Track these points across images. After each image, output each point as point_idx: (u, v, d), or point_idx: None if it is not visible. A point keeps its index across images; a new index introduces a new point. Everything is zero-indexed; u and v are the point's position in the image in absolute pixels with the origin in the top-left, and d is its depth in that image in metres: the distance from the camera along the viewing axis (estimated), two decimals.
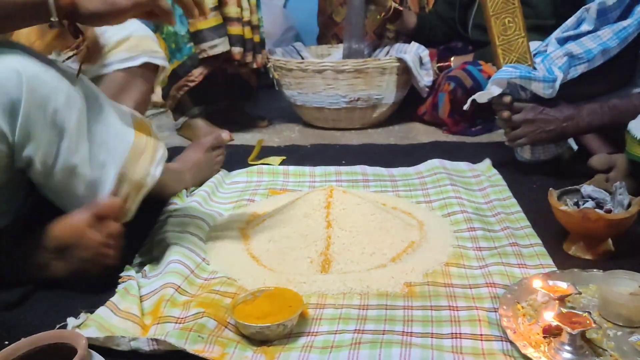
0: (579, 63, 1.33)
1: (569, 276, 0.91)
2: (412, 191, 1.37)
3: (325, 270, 0.99)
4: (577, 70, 1.33)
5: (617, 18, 1.33)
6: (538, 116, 1.33)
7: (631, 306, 0.81)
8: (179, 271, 0.95)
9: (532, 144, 1.40)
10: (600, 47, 1.30)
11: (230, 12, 1.82)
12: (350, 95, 1.92)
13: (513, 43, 1.38)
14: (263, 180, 1.46)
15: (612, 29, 1.31)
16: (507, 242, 1.07)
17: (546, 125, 1.33)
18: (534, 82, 1.31)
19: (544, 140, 1.36)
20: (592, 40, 1.32)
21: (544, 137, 1.35)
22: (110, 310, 0.84)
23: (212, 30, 1.77)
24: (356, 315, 0.86)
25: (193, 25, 1.78)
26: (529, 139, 1.36)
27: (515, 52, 1.38)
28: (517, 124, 1.36)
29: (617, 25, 1.31)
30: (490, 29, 1.38)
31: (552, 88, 1.31)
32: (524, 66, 1.36)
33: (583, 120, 1.30)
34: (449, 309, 0.87)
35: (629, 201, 1.03)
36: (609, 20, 1.33)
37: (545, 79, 1.31)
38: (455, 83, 1.84)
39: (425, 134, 1.92)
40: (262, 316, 0.81)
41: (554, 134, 1.34)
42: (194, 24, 1.78)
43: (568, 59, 1.33)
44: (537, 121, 1.33)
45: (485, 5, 1.37)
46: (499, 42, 1.38)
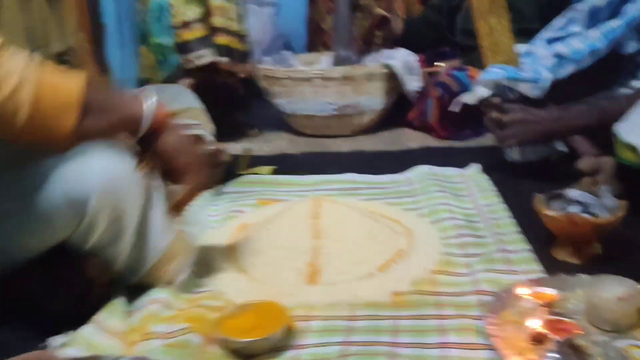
0: (567, 63, 1.33)
1: (556, 281, 0.91)
2: (401, 198, 1.37)
3: (313, 281, 0.98)
4: (566, 70, 1.34)
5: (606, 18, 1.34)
6: (527, 117, 1.33)
7: (618, 311, 0.81)
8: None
9: (521, 145, 1.40)
10: (589, 47, 1.31)
11: (216, 22, 1.83)
12: (339, 102, 1.92)
13: (499, 44, 1.39)
14: (253, 190, 1.45)
15: (601, 30, 1.31)
16: (495, 248, 1.07)
17: (535, 126, 1.33)
18: (521, 83, 1.32)
19: (532, 141, 1.37)
20: (581, 41, 1.33)
21: (532, 137, 1.35)
22: (95, 327, 0.84)
23: (199, 41, 1.78)
24: (343, 327, 0.86)
25: (179, 36, 1.79)
26: (518, 140, 1.36)
27: (502, 53, 1.39)
28: (506, 125, 1.36)
29: (605, 26, 1.31)
30: (477, 29, 1.38)
31: (539, 88, 1.32)
32: (510, 67, 1.37)
33: (571, 121, 1.30)
34: (436, 318, 0.87)
35: (615, 204, 1.03)
36: (598, 21, 1.34)
37: (533, 79, 1.31)
38: (443, 89, 1.84)
39: (414, 140, 1.92)
40: (248, 330, 0.81)
41: (543, 134, 1.34)
42: (180, 35, 1.79)
43: (556, 59, 1.33)
44: (526, 122, 1.33)
45: (472, 6, 1.38)
46: (486, 44, 1.39)
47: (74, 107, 0.77)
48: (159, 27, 1.84)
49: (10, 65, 0.74)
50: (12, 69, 0.73)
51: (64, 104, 0.77)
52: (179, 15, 1.80)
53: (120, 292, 0.94)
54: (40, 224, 0.84)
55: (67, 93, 0.77)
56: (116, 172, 0.85)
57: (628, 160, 1.11)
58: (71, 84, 0.78)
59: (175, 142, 0.87)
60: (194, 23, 1.80)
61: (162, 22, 1.83)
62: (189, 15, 1.80)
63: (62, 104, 0.76)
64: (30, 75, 0.75)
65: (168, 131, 0.86)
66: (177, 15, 1.80)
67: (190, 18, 1.80)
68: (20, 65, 0.74)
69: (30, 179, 0.83)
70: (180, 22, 1.80)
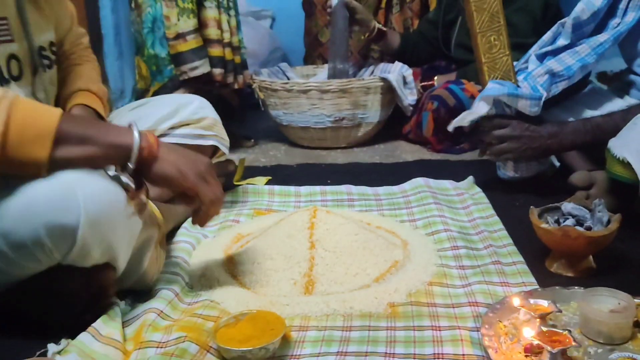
0: (559, 80, 1.35)
1: (550, 294, 0.92)
2: (397, 210, 1.37)
3: (309, 292, 0.99)
4: (558, 87, 1.36)
5: (592, 32, 1.36)
6: (524, 133, 1.35)
7: (611, 323, 0.81)
8: (163, 296, 0.95)
9: (516, 160, 1.41)
10: (579, 62, 1.33)
11: (210, 34, 1.85)
12: (335, 114, 1.93)
13: (498, 61, 1.40)
14: (248, 201, 1.46)
15: (590, 45, 1.33)
16: (490, 260, 1.08)
17: (531, 142, 1.35)
18: (521, 100, 1.33)
19: (528, 157, 1.38)
20: (571, 56, 1.35)
21: (529, 153, 1.36)
22: (91, 335, 0.83)
23: (193, 52, 1.80)
24: (339, 337, 0.86)
25: (173, 47, 1.81)
26: (514, 155, 1.37)
27: (500, 69, 1.40)
28: (502, 139, 1.37)
29: (594, 41, 1.33)
30: (476, 46, 1.40)
31: (538, 106, 1.33)
32: (510, 83, 1.38)
33: (566, 137, 1.32)
34: (431, 329, 0.87)
35: (609, 218, 1.04)
36: (584, 34, 1.36)
37: (531, 96, 1.33)
38: (439, 102, 1.86)
39: (410, 152, 1.93)
40: (244, 340, 0.81)
41: (539, 150, 1.35)
42: (175, 47, 1.80)
43: (549, 76, 1.35)
44: (523, 138, 1.35)
45: (472, 23, 1.39)
46: (485, 60, 1.40)
47: (47, 137, 0.77)
48: (153, 39, 1.85)
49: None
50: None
51: (37, 134, 0.77)
52: (173, 26, 1.81)
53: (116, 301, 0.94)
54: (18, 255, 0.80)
55: (41, 123, 0.77)
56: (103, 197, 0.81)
57: (619, 175, 1.13)
58: (46, 115, 0.78)
59: (171, 167, 0.86)
60: (188, 34, 1.81)
61: (156, 34, 1.85)
62: (183, 27, 1.81)
63: (35, 134, 0.77)
64: (2, 108, 0.75)
65: (161, 158, 0.85)
66: (171, 26, 1.81)
67: (185, 29, 1.81)
68: None
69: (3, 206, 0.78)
70: (175, 34, 1.81)
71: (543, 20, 1.86)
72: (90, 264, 0.84)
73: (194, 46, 1.81)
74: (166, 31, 1.82)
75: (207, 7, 1.85)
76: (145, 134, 0.85)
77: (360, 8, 2.04)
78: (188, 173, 0.87)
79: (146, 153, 0.84)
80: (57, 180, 0.78)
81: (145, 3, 1.84)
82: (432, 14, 2.21)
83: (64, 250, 0.80)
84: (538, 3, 1.88)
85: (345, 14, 2.02)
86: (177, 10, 1.80)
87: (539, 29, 1.84)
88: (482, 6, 1.38)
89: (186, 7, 1.80)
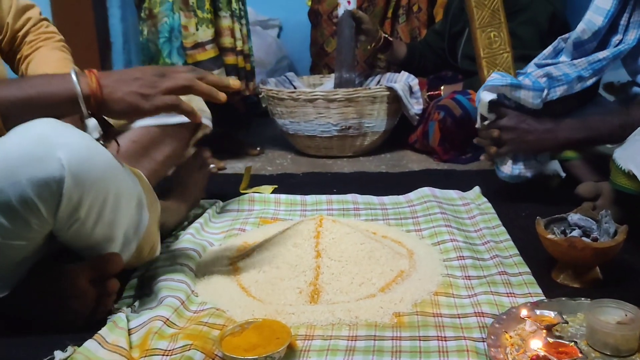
0: (558, 85, 1.35)
1: (556, 305, 0.91)
2: (403, 219, 1.37)
3: (314, 301, 0.99)
4: (557, 92, 1.36)
5: (594, 49, 1.36)
6: (520, 124, 1.34)
7: (618, 335, 0.81)
8: (169, 303, 0.95)
9: (514, 157, 1.41)
10: (576, 73, 1.33)
11: (225, 42, 1.89)
12: (341, 123, 1.94)
13: (497, 57, 1.41)
14: (254, 209, 1.46)
15: (588, 60, 1.34)
16: (496, 270, 1.08)
17: (526, 135, 1.34)
18: (523, 90, 1.33)
19: (522, 150, 1.37)
20: (568, 68, 1.35)
21: (522, 146, 1.36)
22: (97, 343, 0.84)
23: (211, 61, 1.85)
24: (344, 347, 0.86)
25: (192, 57, 1.84)
26: (508, 148, 1.37)
27: (500, 65, 1.41)
28: (498, 128, 1.37)
29: (593, 57, 1.34)
30: (476, 41, 1.40)
31: (540, 97, 1.33)
32: (510, 75, 1.38)
33: (561, 133, 1.31)
34: (437, 339, 0.87)
35: (615, 229, 1.04)
36: (586, 52, 1.36)
37: (534, 87, 1.32)
38: (445, 112, 1.86)
39: (416, 162, 1.93)
40: (249, 348, 0.81)
41: (533, 144, 1.34)
42: (193, 56, 1.84)
43: (547, 79, 1.35)
44: (518, 129, 1.34)
45: (472, 18, 1.40)
46: (484, 55, 1.41)
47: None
48: (170, 48, 1.88)
49: None
50: None
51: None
52: (191, 36, 1.84)
53: (122, 308, 0.94)
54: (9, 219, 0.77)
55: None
56: (81, 144, 0.79)
57: (623, 186, 1.12)
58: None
59: (122, 104, 0.86)
60: (207, 44, 1.85)
61: (174, 43, 1.88)
62: (202, 36, 1.85)
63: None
64: None
65: (109, 100, 0.85)
66: (189, 36, 1.84)
67: (204, 39, 1.85)
68: None
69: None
70: (193, 43, 1.85)
71: (549, 32, 1.86)
72: (78, 226, 0.82)
73: (212, 55, 1.85)
74: (184, 41, 1.85)
75: (222, 17, 1.90)
76: (85, 78, 0.84)
77: (366, 18, 2.05)
78: (140, 102, 0.87)
79: (93, 101, 0.84)
80: (30, 132, 0.77)
81: (162, 13, 1.87)
82: (438, 24, 2.22)
83: (52, 206, 0.77)
84: (544, 15, 1.88)
85: (351, 23, 2.03)
86: (195, 20, 1.84)
87: (545, 41, 1.84)
88: (483, 2, 1.39)
89: (205, 17, 1.84)
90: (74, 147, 0.78)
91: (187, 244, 1.20)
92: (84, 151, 0.79)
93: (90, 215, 0.83)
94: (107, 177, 0.83)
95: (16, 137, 0.77)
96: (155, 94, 0.88)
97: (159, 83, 0.88)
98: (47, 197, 0.77)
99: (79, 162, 0.78)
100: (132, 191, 0.92)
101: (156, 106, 0.88)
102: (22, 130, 0.77)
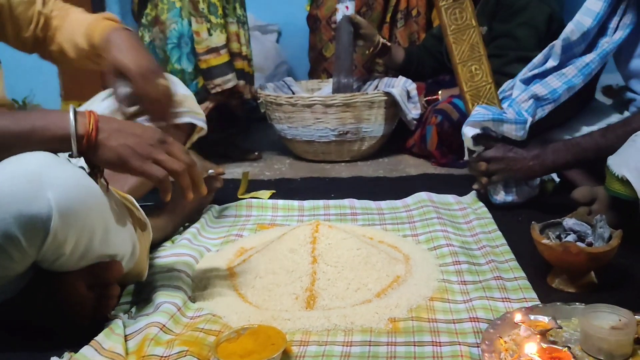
0: (545, 104, 1.37)
1: (551, 310, 0.91)
2: (399, 224, 1.38)
3: (310, 307, 0.99)
4: (545, 110, 1.38)
5: (583, 52, 1.37)
6: (507, 154, 1.36)
7: (612, 340, 0.81)
8: (165, 310, 0.95)
9: (505, 184, 1.42)
10: (565, 85, 1.35)
11: (233, 47, 1.94)
12: (339, 128, 1.95)
13: (481, 89, 1.43)
14: (252, 215, 1.47)
15: (576, 66, 1.35)
16: (491, 275, 1.08)
17: (514, 164, 1.36)
18: (506, 124, 1.35)
19: (512, 178, 1.39)
20: (558, 79, 1.36)
21: (511, 175, 1.37)
22: (94, 349, 0.84)
23: (225, 66, 1.88)
24: (340, 352, 0.86)
25: (206, 62, 1.87)
26: (497, 178, 1.38)
27: (483, 97, 1.43)
28: (486, 160, 1.38)
29: (580, 62, 1.35)
30: (458, 75, 1.43)
31: (524, 130, 1.35)
32: (495, 108, 1.40)
33: (548, 158, 1.33)
34: (432, 345, 0.87)
35: (610, 234, 1.04)
36: (574, 55, 1.37)
37: (516, 120, 1.35)
38: (442, 116, 1.87)
39: (413, 166, 1.94)
40: (245, 354, 0.82)
41: (522, 172, 1.36)
42: (207, 61, 1.87)
43: (534, 101, 1.37)
44: (506, 159, 1.36)
45: (451, 54, 1.42)
46: (467, 89, 1.43)
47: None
48: (180, 54, 1.90)
49: None
50: None
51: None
52: (204, 41, 1.86)
53: (118, 314, 0.95)
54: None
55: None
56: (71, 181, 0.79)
57: (618, 192, 1.13)
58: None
59: (112, 154, 0.84)
60: (221, 49, 1.88)
61: (183, 49, 1.89)
62: (216, 41, 1.87)
63: None
64: None
65: (101, 145, 0.83)
66: (202, 41, 1.86)
67: (218, 44, 1.87)
68: None
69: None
70: (206, 48, 1.87)
71: (547, 34, 1.87)
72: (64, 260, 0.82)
73: (226, 60, 1.88)
74: (197, 46, 1.87)
75: (229, 23, 1.92)
76: (83, 118, 0.83)
77: (364, 23, 2.05)
78: (130, 159, 0.84)
79: (85, 142, 0.83)
80: (21, 168, 0.77)
81: (170, 20, 1.88)
82: (436, 29, 2.22)
83: (37, 243, 0.77)
84: (542, 17, 1.89)
85: (349, 28, 2.04)
86: (207, 25, 1.86)
87: (542, 43, 1.85)
88: (461, 37, 1.41)
89: (218, 22, 1.87)
90: (64, 186, 0.78)
91: (184, 249, 1.20)
92: (74, 190, 0.79)
93: (77, 251, 0.83)
94: (95, 214, 0.83)
95: (6, 172, 0.77)
96: (148, 158, 0.85)
97: (156, 151, 0.86)
98: (32, 235, 0.77)
99: (68, 202, 0.78)
100: (122, 224, 0.91)
101: (143, 170, 0.85)
102: (13, 166, 0.77)
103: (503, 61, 1.82)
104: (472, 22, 1.43)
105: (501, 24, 1.88)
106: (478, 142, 1.39)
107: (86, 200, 0.81)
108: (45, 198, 0.76)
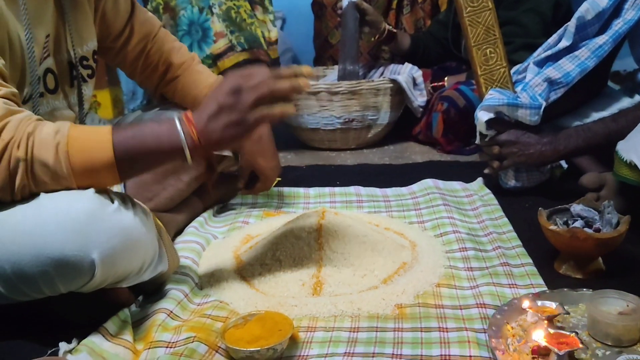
0: (558, 87, 1.35)
1: (558, 296, 0.91)
2: (405, 211, 1.38)
3: (317, 293, 0.99)
4: (557, 93, 1.36)
5: (597, 33, 1.35)
6: (520, 138, 1.35)
7: (620, 326, 0.81)
8: (173, 296, 0.96)
9: (516, 170, 1.41)
10: (579, 67, 1.33)
11: None
12: (344, 116, 1.94)
13: (495, 73, 1.41)
14: (258, 202, 1.47)
15: (589, 48, 1.33)
16: (498, 262, 1.08)
17: (526, 149, 1.35)
18: (520, 109, 1.34)
19: (524, 164, 1.38)
20: (570, 62, 1.35)
21: (523, 160, 1.36)
22: (102, 335, 0.85)
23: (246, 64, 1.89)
24: (346, 338, 0.86)
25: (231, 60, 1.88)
26: (510, 162, 1.37)
27: (497, 81, 1.41)
28: (499, 144, 1.37)
29: (593, 44, 1.33)
30: (472, 58, 1.41)
31: (538, 115, 1.34)
32: (509, 92, 1.39)
33: (560, 144, 1.32)
34: (438, 330, 0.88)
35: (618, 220, 1.03)
36: (588, 35, 1.35)
37: (531, 105, 1.33)
38: (448, 103, 1.85)
39: (419, 154, 1.93)
40: (252, 340, 0.82)
41: (534, 157, 1.35)
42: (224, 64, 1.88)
43: (547, 85, 1.35)
44: (519, 143, 1.35)
45: (467, 36, 1.41)
46: (481, 72, 1.41)
47: (110, 169, 0.80)
48: (190, 41, 1.88)
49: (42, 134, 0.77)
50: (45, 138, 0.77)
51: (101, 167, 0.79)
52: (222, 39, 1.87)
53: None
54: (24, 283, 0.78)
55: (98, 158, 0.79)
56: (121, 236, 0.80)
57: (626, 177, 1.12)
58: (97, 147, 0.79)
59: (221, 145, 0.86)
60: None
61: (193, 37, 1.87)
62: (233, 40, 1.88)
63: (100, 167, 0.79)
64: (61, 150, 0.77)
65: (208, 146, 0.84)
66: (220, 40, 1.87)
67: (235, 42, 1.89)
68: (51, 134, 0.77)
69: None
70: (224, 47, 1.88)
71: (553, 20, 1.85)
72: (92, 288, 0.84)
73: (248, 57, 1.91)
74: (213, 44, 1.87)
75: None
76: (186, 128, 0.82)
77: (370, 9, 2.04)
78: (236, 132, 0.84)
79: (194, 152, 0.83)
80: (69, 215, 0.76)
81: (179, 6, 1.87)
82: (442, 14, 2.21)
83: (71, 288, 0.80)
84: (548, 4, 1.87)
85: (355, 15, 2.02)
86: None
87: (549, 30, 1.83)
88: (476, 20, 1.39)
89: None
90: (108, 244, 0.78)
91: (191, 236, 1.20)
92: (120, 246, 0.79)
93: (109, 285, 0.85)
94: (136, 259, 0.85)
95: (52, 214, 0.76)
96: (244, 115, 0.84)
97: (241, 102, 0.83)
98: (69, 282, 0.79)
99: (112, 258, 0.79)
100: (155, 259, 0.92)
101: (249, 127, 0.85)
102: (60, 208, 0.77)
103: (509, 49, 1.80)
104: (488, 3, 1.40)
105: (506, 11, 1.86)
106: (490, 126, 1.38)
107: (130, 252, 0.82)
108: (89, 258, 0.77)
